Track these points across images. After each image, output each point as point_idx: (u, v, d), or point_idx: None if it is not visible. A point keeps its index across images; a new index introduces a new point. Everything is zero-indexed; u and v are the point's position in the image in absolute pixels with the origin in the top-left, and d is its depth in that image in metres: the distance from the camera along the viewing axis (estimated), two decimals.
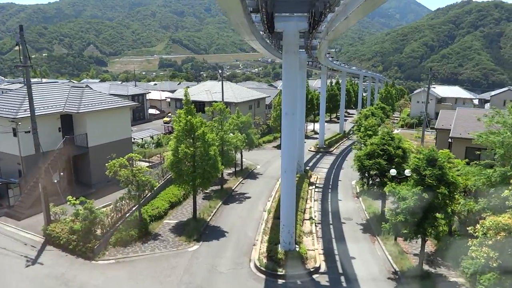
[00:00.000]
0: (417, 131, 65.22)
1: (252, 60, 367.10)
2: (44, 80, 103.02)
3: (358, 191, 36.56)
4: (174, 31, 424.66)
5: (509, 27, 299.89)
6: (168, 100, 73.99)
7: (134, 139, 51.85)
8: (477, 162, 20.37)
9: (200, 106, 61.21)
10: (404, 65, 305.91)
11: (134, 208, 26.37)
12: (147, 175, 25.59)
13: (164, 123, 70.53)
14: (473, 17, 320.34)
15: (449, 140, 32.85)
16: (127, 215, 26.03)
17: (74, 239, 22.63)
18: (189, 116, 25.92)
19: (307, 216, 29.55)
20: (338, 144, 61.70)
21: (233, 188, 36.86)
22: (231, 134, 36.27)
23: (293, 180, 22.45)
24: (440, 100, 76.13)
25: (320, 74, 79.73)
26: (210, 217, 29.08)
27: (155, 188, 26.65)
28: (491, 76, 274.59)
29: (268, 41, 27.98)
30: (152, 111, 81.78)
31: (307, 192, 34.94)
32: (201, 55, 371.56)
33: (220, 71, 56.61)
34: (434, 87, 79.52)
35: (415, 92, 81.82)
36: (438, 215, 18.36)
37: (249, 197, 34.39)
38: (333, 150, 57.14)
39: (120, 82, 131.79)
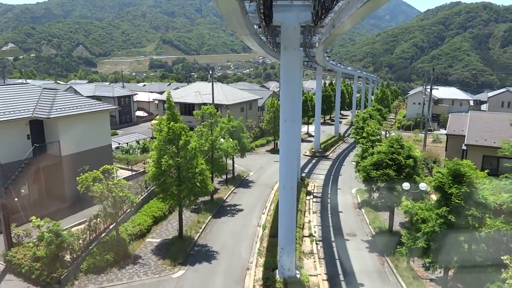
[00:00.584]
0: (415, 134, 62.58)
1: (243, 60, 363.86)
2: (29, 81, 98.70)
3: (359, 201, 33.63)
4: (165, 31, 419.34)
5: (498, 28, 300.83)
6: (157, 102, 70.48)
7: (118, 144, 48.37)
8: (508, 175, 17.44)
9: (189, 108, 57.87)
10: (395, 66, 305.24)
11: (111, 227, 23.00)
12: (125, 189, 22.25)
13: (152, 126, 67.06)
14: (462, 18, 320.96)
15: (463, 147, 29.91)
16: (103, 235, 22.65)
17: (37, 267, 19.21)
18: (172, 123, 22.61)
19: (306, 232, 26.44)
20: (334, 147, 58.75)
21: (224, 199, 33.61)
22: (222, 139, 33.07)
23: (293, 198, 19.29)
24: (437, 102, 73.78)
25: (314, 74, 76.96)
26: (199, 234, 25.80)
27: (135, 204, 23.29)
28: (480, 77, 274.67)
29: (263, 38, 24.86)
30: (139, 113, 78.12)
31: (305, 203, 31.84)
32: (192, 55, 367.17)
33: (210, 72, 53.16)
34: (426, 89, 77.22)
35: (411, 93, 79.41)
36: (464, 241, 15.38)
37: (241, 210, 31.16)
38: (329, 155, 54.14)
39: (108, 83, 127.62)
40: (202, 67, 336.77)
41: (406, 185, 20.61)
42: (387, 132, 51.54)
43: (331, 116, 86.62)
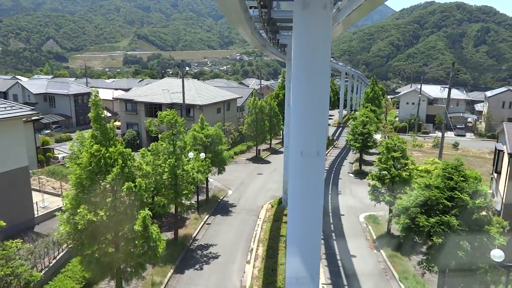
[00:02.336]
0: (412, 137, 54.69)
1: (220, 57, 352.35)
2: None
3: (374, 236, 24.99)
4: (140, 26, 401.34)
5: (471, 28, 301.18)
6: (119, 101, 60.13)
7: (59, 153, 38.65)
8: None
9: (156, 109, 48.00)
10: (371, 64, 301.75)
11: None
12: (23, 259, 12.73)
13: (116, 128, 56.85)
14: (436, 18, 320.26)
15: None
16: None
17: None
18: (98, 146, 13.19)
19: None
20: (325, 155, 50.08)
21: (194, 236, 24.33)
22: (191, 155, 23.74)
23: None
24: (432, 102, 66.55)
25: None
26: None
27: (36, 282, 13.70)
28: (454, 75, 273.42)
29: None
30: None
31: None
32: (168, 51, 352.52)
33: (180, 67, 43.59)
34: (416, 88, 69.82)
35: (403, 92, 71.99)
36: None
37: (216, 256, 21.94)
38: None
39: (74, 79, 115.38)
40: (178, 63, 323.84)
41: (498, 255, 11.90)
42: (388, 137, 43.26)
43: None
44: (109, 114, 67.69)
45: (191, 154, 23.75)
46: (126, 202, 13.91)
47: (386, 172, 22.70)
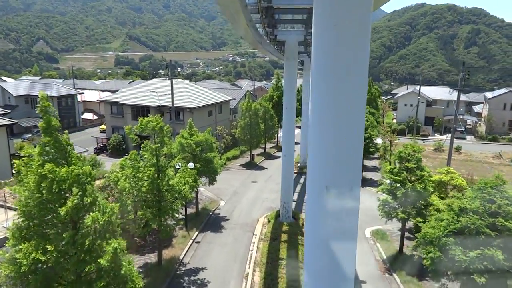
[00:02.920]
0: (413, 141, 51.84)
1: (213, 58, 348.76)
2: None
3: (384, 256, 22.12)
4: (132, 27, 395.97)
5: (462, 30, 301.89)
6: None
7: None
8: None
9: (143, 112, 44.86)
10: None
11: None
12: None
13: (101, 132, 53.43)
14: (427, 20, 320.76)
15: None
16: None
17: None
18: (51, 165, 10.11)
19: None
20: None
21: (181, 259, 21.24)
22: (179, 166, 20.69)
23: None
24: (430, 103, 64.12)
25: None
26: None
27: None
28: (446, 76, 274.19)
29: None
30: (88, 115, 64.02)
31: None
32: (160, 52, 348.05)
33: (168, 67, 40.45)
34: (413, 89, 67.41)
35: (401, 93, 69.51)
36: None
37: (206, 284, 18.90)
38: None
39: (62, 80, 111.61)
40: (170, 64, 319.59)
41: None
42: (390, 141, 40.57)
43: None
44: (95, 117, 64.35)
45: (178, 165, 20.70)
46: (91, 235, 10.86)
47: (399, 185, 19.83)
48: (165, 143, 19.50)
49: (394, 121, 67.43)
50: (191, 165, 22.89)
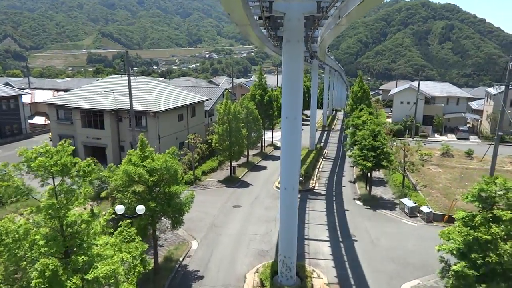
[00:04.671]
0: (417, 144, 44.22)
1: (189, 55, 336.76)
2: None
3: None
4: (104, 24, 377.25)
5: (436, 25, 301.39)
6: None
7: None
8: None
9: (95, 118, 35.45)
10: (341, 61, 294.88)
11: None
12: None
13: (50, 140, 43.50)
14: (402, 15, 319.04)
15: None
16: None
17: None
18: None
19: None
20: (316, 169, 38.98)
21: None
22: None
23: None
24: (429, 101, 56.96)
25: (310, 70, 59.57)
26: None
27: None
28: (421, 71, 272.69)
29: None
30: (39, 120, 53.70)
31: None
32: (134, 50, 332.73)
33: (123, 60, 31.10)
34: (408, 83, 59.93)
35: (396, 90, 61.95)
36: None
37: None
38: (314, 185, 34.25)
39: (20, 79, 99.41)
40: (145, 62, 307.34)
41: None
42: (404, 152, 32.53)
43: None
44: (48, 121, 53.97)
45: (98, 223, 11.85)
46: None
47: (481, 246, 11.59)
48: (91, 181, 10.66)
49: (389, 120, 59.89)
50: (140, 209, 14.13)
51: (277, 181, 34.30)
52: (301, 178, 32.69)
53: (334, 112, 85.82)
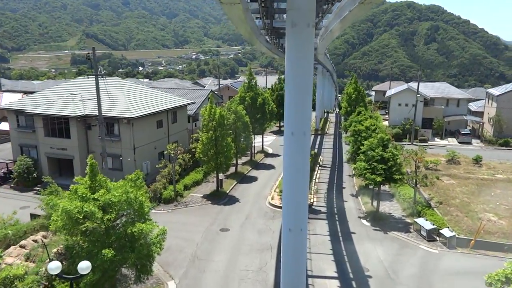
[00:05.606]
0: (421, 150, 40.28)
1: (175, 56, 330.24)
2: None
3: None
4: (89, 25, 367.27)
5: (421, 26, 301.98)
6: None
7: None
8: None
9: (60, 126, 30.50)
10: None
11: None
12: None
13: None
14: (388, 16, 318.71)
15: None
16: None
17: None
18: None
19: None
20: (313, 180, 34.56)
21: None
22: None
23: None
24: (428, 102, 53.24)
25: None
26: None
27: None
28: (408, 72, 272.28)
29: None
30: (5, 126, 48.08)
31: None
32: (120, 51, 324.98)
33: (90, 59, 25.91)
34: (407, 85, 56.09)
35: (394, 91, 58.04)
36: None
37: None
38: (313, 201, 29.85)
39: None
40: (131, 63, 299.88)
41: None
42: (416, 163, 28.40)
43: None
44: None
45: None
46: None
47: None
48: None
49: (386, 123, 55.95)
50: (84, 265, 9.52)
51: (270, 196, 29.88)
52: None
53: (326, 114, 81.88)
